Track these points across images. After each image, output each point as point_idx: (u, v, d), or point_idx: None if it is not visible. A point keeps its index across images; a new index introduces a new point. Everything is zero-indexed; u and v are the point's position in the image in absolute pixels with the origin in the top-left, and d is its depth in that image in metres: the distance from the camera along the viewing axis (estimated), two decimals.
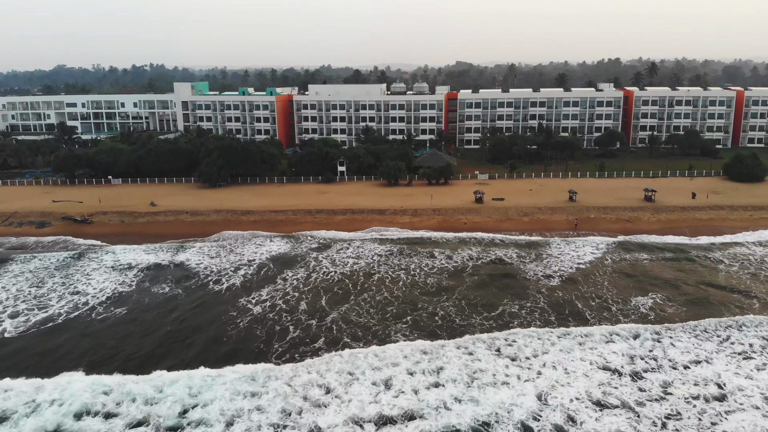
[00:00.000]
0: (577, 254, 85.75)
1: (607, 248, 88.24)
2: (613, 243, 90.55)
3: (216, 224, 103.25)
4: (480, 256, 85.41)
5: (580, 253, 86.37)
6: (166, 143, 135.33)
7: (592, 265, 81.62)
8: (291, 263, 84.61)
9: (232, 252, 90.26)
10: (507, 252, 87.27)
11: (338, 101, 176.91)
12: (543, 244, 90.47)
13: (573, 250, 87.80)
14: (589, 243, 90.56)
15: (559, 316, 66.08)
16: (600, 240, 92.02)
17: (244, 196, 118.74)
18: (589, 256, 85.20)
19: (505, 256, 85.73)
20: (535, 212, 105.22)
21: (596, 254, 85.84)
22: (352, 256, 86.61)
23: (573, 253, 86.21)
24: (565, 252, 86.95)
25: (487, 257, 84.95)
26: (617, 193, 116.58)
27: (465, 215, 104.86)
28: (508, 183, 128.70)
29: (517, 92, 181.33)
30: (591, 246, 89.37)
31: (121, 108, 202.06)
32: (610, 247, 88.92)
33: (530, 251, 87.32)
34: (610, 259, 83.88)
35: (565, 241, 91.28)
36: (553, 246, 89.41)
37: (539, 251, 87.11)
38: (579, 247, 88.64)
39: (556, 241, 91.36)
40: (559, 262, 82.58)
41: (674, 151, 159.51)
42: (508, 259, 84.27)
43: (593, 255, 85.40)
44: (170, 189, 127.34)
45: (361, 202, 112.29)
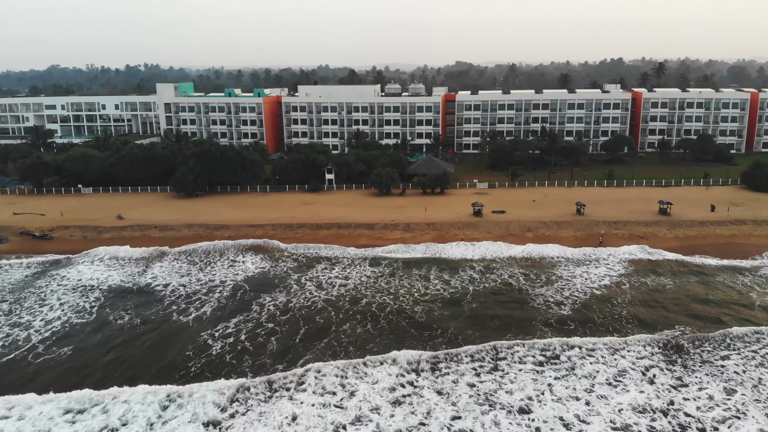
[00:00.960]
0: (590, 277, 76.02)
1: (623, 270, 78.48)
2: (629, 263, 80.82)
3: (186, 240, 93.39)
4: (481, 278, 75.65)
5: (592, 275, 76.64)
6: (140, 149, 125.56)
7: (608, 290, 71.92)
8: (269, 286, 75.24)
9: (205, 270, 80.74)
10: (512, 272, 77.59)
11: (329, 103, 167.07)
12: (552, 263, 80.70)
13: (584, 271, 78.10)
14: (602, 263, 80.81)
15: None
16: (614, 259, 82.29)
17: (221, 207, 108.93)
18: (605, 279, 75.47)
19: (510, 277, 76.03)
20: (539, 227, 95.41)
21: (612, 276, 76.14)
22: (338, 277, 77.23)
23: (585, 275, 76.55)
24: (576, 274, 77.25)
25: (489, 280, 75.23)
26: (628, 204, 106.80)
27: (462, 230, 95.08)
28: (509, 192, 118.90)
29: (519, 94, 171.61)
30: (604, 267, 79.64)
31: (102, 110, 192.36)
32: (626, 268, 79.17)
33: (539, 272, 77.60)
34: (628, 283, 74.05)
35: (575, 261, 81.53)
36: (562, 266, 79.67)
37: (548, 273, 77.32)
38: (591, 269, 78.91)
39: (565, 261, 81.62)
40: (570, 286, 72.95)
41: (685, 156, 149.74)
42: (515, 282, 74.54)
43: (609, 278, 75.63)
44: (143, 199, 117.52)
45: (348, 214, 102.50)
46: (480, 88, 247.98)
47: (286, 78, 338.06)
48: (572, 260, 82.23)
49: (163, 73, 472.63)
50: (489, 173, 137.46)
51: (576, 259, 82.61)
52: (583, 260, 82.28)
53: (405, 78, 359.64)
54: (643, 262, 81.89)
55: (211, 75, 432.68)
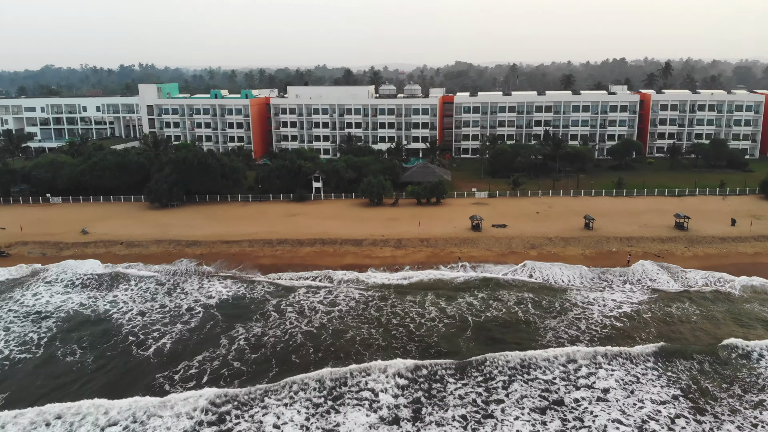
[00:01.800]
0: (607, 304, 67.10)
1: (643, 295, 69.53)
2: (648, 287, 71.88)
3: (153, 258, 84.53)
4: (483, 306, 66.73)
5: (609, 302, 67.76)
6: (113, 156, 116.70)
7: (631, 320, 63.02)
8: (244, 313, 66.72)
9: (172, 294, 71.95)
10: (519, 298, 68.72)
11: (320, 105, 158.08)
12: (562, 288, 71.69)
13: (600, 296, 69.18)
14: (618, 287, 71.84)
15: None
16: (632, 280, 73.55)
17: (197, 219, 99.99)
18: (624, 306, 66.63)
19: (517, 305, 67.21)
20: (544, 243, 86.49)
21: (632, 303, 67.30)
22: (322, 302, 68.89)
23: (602, 302, 67.62)
24: (590, 299, 68.47)
25: (492, 308, 66.39)
26: (641, 217, 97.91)
27: (459, 247, 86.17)
28: (511, 202, 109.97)
29: (520, 95, 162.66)
30: (620, 291, 70.74)
31: (83, 112, 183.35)
32: (646, 292, 70.25)
33: (548, 298, 68.70)
34: (651, 312, 65.20)
35: (588, 284, 72.63)
36: (575, 291, 70.72)
37: (559, 300, 68.38)
38: (607, 294, 70.05)
39: (577, 284, 72.71)
40: (586, 317, 64.07)
41: (697, 162, 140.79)
42: (522, 312, 65.63)
43: (629, 306, 66.76)
44: (113, 210, 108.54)
45: (335, 228, 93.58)
46: (480, 89, 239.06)
47: (281, 78, 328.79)
48: (585, 284, 73.21)
49: (157, 74, 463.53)
50: (489, 180, 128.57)
51: (589, 282, 73.71)
52: (597, 283, 73.37)
53: (403, 78, 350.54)
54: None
55: (205, 75, 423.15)
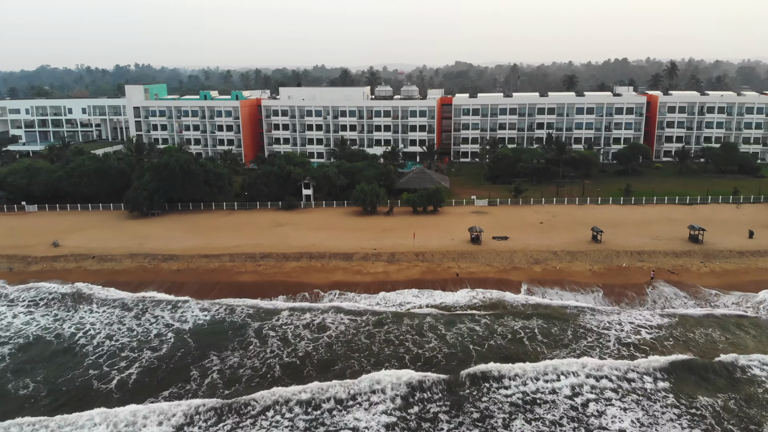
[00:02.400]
0: (625, 331, 60.61)
1: (662, 321, 63.04)
2: (668, 312, 65.39)
3: (126, 274, 78.26)
4: (486, 334, 60.36)
5: (627, 328, 61.34)
6: (91, 161, 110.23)
7: (653, 350, 56.56)
8: (221, 340, 60.38)
9: (142, 317, 65.63)
10: (525, 325, 62.19)
11: (313, 107, 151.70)
12: (574, 312, 65.09)
13: (617, 321, 62.78)
14: (630, 314, 65.31)
15: None
16: (649, 301, 67.23)
17: (177, 230, 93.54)
18: (643, 332, 60.36)
19: (524, 331, 60.88)
20: (549, 258, 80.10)
21: (650, 329, 60.88)
22: (308, 327, 62.82)
23: (618, 328, 61.19)
24: (603, 323, 62.18)
25: (497, 335, 60.15)
26: (651, 228, 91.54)
27: (457, 262, 79.79)
28: (512, 211, 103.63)
29: (522, 97, 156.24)
30: (636, 315, 64.31)
31: (69, 114, 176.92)
32: (665, 317, 63.79)
33: (559, 324, 62.16)
34: (672, 338, 58.81)
35: (602, 308, 66.19)
36: (588, 315, 64.29)
37: (571, 325, 61.95)
38: (624, 317, 63.72)
39: (590, 307, 66.30)
40: (601, 345, 57.79)
41: (707, 167, 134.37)
42: (529, 341, 59.15)
43: (647, 333, 60.38)
44: (91, 220, 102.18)
45: (324, 240, 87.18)
46: (480, 90, 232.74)
47: (277, 79, 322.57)
48: (598, 306, 66.71)
49: (153, 74, 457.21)
50: (489, 186, 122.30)
51: (602, 304, 67.38)
52: (612, 305, 66.99)
53: (402, 79, 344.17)
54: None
55: (201, 75, 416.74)
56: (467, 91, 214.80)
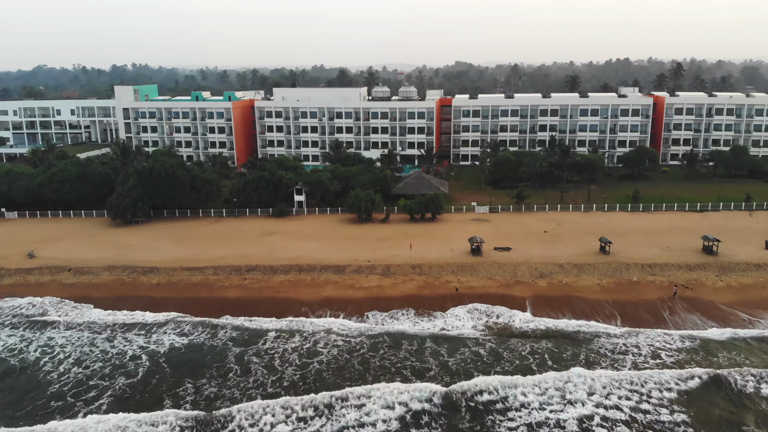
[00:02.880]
0: (642, 356, 55.51)
1: (683, 344, 57.91)
2: (688, 333, 60.18)
3: (103, 289, 73.29)
4: (492, 359, 55.36)
5: (645, 351, 56.31)
6: (73, 166, 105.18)
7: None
8: (197, 368, 55.24)
9: (114, 340, 60.65)
10: (534, 348, 57.07)
11: (308, 108, 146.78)
12: (587, 336, 59.77)
13: (633, 344, 57.70)
14: (648, 336, 60.06)
15: None
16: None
17: (160, 240, 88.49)
18: (663, 354, 55.30)
19: (532, 357, 55.79)
20: (554, 271, 75.08)
21: (671, 352, 55.79)
22: (296, 351, 57.66)
23: (636, 352, 56.22)
24: (619, 346, 57.19)
25: (503, 361, 55.21)
26: (662, 238, 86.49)
27: (457, 275, 74.80)
28: (515, 219, 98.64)
29: (524, 98, 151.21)
30: (654, 338, 59.14)
31: (57, 116, 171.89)
32: (685, 340, 58.63)
33: (570, 349, 56.93)
34: (694, 362, 53.60)
35: (615, 330, 61.02)
36: (603, 338, 59.10)
37: (583, 351, 56.70)
38: (641, 339, 58.68)
39: (601, 326, 61.23)
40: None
41: (716, 171, 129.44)
42: (536, 365, 54.00)
43: (667, 354, 55.36)
44: (71, 228, 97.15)
45: (315, 251, 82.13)
46: (480, 90, 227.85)
47: (275, 79, 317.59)
48: (611, 329, 61.42)
49: (149, 74, 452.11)
50: (490, 191, 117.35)
51: (614, 324, 62.31)
52: (624, 327, 61.87)
53: (401, 79, 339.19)
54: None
55: (197, 76, 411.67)
56: (467, 91, 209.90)
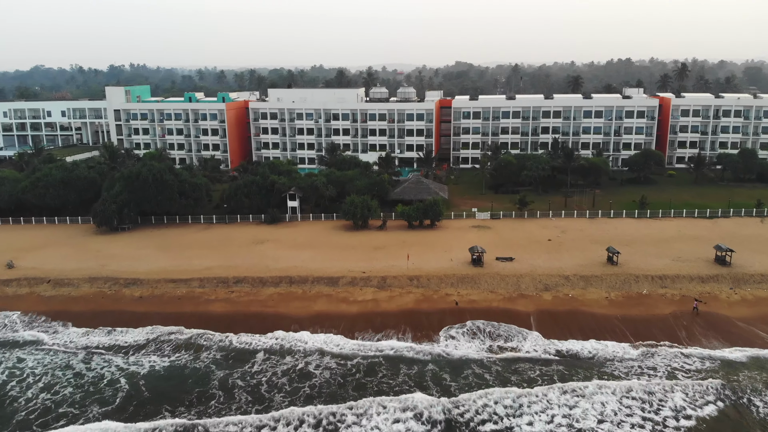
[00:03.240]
0: (662, 387, 51.16)
1: (702, 365, 53.83)
2: (707, 354, 56.15)
3: (82, 302, 69.26)
4: (498, 384, 51.03)
5: (661, 372, 52.22)
6: (58, 171, 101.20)
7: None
8: (178, 392, 51.30)
9: (91, 361, 56.57)
10: (544, 372, 52.96)
11: (304, 110, 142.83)
12: (600, 361, 55.66)
13: (650, 366, 53.64)
14: (664, 357, 55.94)
15: None
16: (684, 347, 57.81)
17: (146, 249, 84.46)
18: (679, 374, 51.16)
19: (542, 379, 51.62)
20: (559, 283, 71.09)
21: (689, 371, 51.73)
22: (285, 373, 53.58)
23: (652, 374, 51.98)
24: (634, 369, 53.24)
25: (512, 384, 50.93)
26: (671, 246, 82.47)
27: (457, 288, 70.81)
28: (517, 225, 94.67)
29: (525, 99, 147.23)
30: (672, 358, 55.06)
31: (48, 117, 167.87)
32: (707, 362, 54.54)
33: (585, 374, 52.69)
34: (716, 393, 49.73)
35: (623, 353, 56.84)
36: (617, 361, 54.97)
37: (597, 373, 52.65)
38: (659, 360, 54.72)
39: (619, 351, 57.04)
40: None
41: (724, 175, 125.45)
42: (554, 395, 49.61)
43: (684, 374, 51.29)
44: (55, 235, 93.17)
45: (308, 261, 78.11)
46: (480, 91, 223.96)
47: (273, 79, 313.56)
48: (626, 351, 57.22)
49: (147, 74, 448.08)
50: (491, 196, 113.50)
51: (625, 342, 58.29)
52: (636, 346, 57.84)
53: (401, 79, 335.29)
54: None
55: (195, 76, 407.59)
56: (467, 92, 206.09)
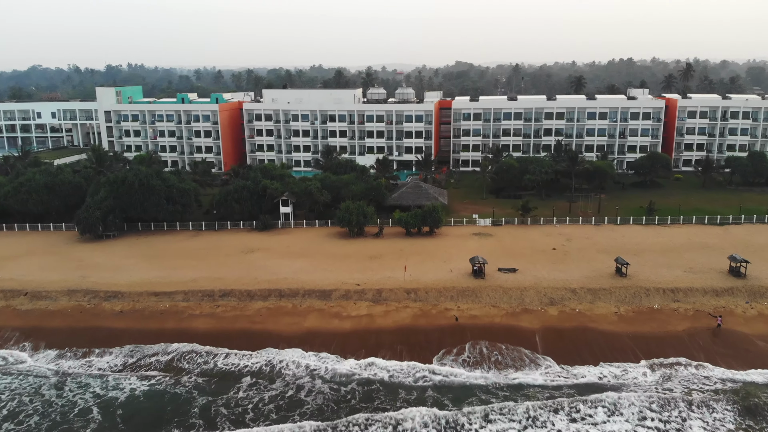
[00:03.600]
0: (679, 415, 47.18)
1: (723, 384, 49.83)
2: (729, 376, 52.01)
3: (60, 317, 65.21)
4: (505, 414, 46.99)
5: (681, 414, 48.01)
6: (42, 176, 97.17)
7: None
8: (156, 423, 47.01)
9: (63, 387, 52.53)
10: (557, 403, 48.53)
11: (300, 111, 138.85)
12: (606, 387, 51.69)
13: (668, 397, 49.45)
14: (682, 380, 51.90)
15: None
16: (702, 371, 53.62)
17: (130, 258, 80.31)
18: (701, 405, 47.27)
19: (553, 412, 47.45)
20: (566, 297, 67.03)
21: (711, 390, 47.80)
22: (273, 400, 49.37)
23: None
24: (653, 399, 48.80)
25: (519, 416, 46.78)
26: (682, 256, 78.36)
27: (456, 302, 66.75)
28: (520, 233, 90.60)
29: (527, 100, 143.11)
30: (689, 384, 51.01)
31: (38, 119, 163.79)
32: (728, 383, 50.50)
33: (595, 404, 48.53)
34: None
35: (639, 378, 52.59)
36: (631, 387, 50.81)
37: (610, 408, 48.22)
38: (676, 384, 50.50)
39: (624, 372, 52.93)
40: None
41: (733, 179, 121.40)
42: None
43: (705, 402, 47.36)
44: (36, 243, 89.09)
45: (299, 272, 73.98)
46: (481, 91, 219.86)
47: (271, 80, 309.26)
48: (643, 375, 52.95)
49: (144, 74, 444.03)
50: (492, 200, 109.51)
51: (639, 367, 54.08)
52: (653, 371, 53.66)
53: (400, 79, 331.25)
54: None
55: (192, 76, 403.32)
56: (468, 92, 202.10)
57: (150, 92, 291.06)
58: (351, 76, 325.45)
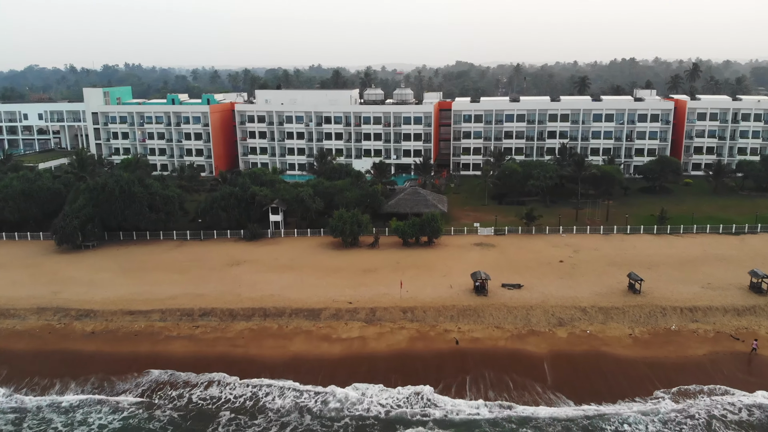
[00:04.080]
0: None
1: (748, 416, 44.83)
2: (758, 405, 47.00)
3: (27, 338, 60.01)
4: None
5: None
6: (19, 182, 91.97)
7: None
8: None
9: (23, 423, 47.27)
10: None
11: (294, 112, 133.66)
12: (626, 415, 46.51)
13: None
14: (707, 405, 46.82)
15: None
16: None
17: (107, 271, 74.91)
18: None
19: None
20: (576, 317, 61.79)
21: None
22: None
23: None
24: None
25: None
26: (698, 269, 73.12)
27: (457, 322, 61.51)
28: (524, 243, 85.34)
29: (530, 102, 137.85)
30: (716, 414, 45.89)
31: (24, 120, 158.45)
32: (756, 410, 45.50)
33: None
34: None
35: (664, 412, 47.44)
36: (649, 418, 45.74)
37: None
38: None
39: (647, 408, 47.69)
40: None
41: (745, 184, 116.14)
42: None
43: None
44: (11, 254, 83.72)
45: (287, 288, 68.66)
46: (482, 92, 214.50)
47: (268, 80, 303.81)
48: (662, 410, 47.66)
49: (141, 74, 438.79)
50: (494, 207, 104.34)
51: (661, 401, 48.74)
52: (675, 401, 48.42)
53: (400, 79, 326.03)
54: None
55: (189, 76, 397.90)
56: (468, 92, 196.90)
57: (145, 92, 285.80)
58: (350, 76, 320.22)
